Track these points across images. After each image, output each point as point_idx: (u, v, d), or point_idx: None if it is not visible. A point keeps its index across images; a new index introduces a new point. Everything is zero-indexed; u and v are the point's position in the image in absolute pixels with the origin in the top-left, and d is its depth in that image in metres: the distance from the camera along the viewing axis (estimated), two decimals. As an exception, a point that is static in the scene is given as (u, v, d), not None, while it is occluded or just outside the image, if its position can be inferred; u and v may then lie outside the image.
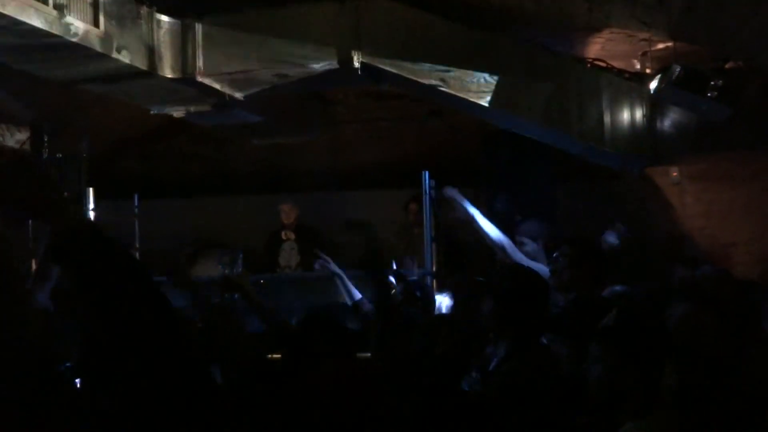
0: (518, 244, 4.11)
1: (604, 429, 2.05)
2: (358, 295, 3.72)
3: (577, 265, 3.35)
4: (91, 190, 5.15)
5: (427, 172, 5.31)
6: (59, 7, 3.68)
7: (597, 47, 5.11)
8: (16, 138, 5.82)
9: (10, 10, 3.44)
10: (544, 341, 2.60)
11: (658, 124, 4.49)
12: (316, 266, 4.22)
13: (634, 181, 5.79)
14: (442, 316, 3.22)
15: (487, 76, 4.66)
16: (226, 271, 2.83)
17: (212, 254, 5.62)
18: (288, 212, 5.86)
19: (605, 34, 4.92)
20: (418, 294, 3.23)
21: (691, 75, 3.97)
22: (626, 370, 2.05)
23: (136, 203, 5.66)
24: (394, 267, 4.74)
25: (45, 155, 5.70)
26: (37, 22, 3.59)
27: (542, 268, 3.35)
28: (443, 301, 3.41)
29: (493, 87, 4.65)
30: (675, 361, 2.03)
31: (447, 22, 4.68)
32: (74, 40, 3.81)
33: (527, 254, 4.26)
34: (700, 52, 4.52)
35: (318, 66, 4.68)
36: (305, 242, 5.79)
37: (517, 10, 4.48)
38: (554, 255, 3.56)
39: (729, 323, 2.77)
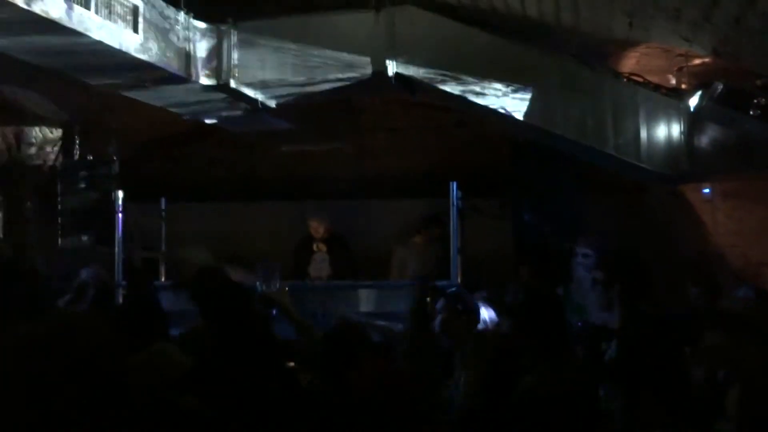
0: (582, 256, 4.03)
1: None
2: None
3: (611, 291, 3.32)
4: (120, 192, 5.16)
5: (455, 183, 5.28)
6: (101, 13, 3.69)
7: (632, 61, 5.07)
8: (49, 137, 5.85)
9: (53, 15, 3.45)
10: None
11: (696, 141, 4.43)
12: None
13: (664, 196, 5.73)
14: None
15: (521, 87, 4.62)
16: (264, 286, 2.79)
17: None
18: (317, 227, 5.83)
19: (641, 48, 4.88)
20: (459, 307, 3.18)
21: (733, 93, 3.92)
22: (644, 403, 2.00)
23: (162, 206, 5.67)
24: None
25: (76, 156, 5.73)
26: (79, 27, 3.60)
27: None
28: (484, 314, 3.35)
29: (528, 99, 4.61)
30: (736, 390, 1.99)
31: (482, 33, 4.65)
32: (114, 45, 3.82)
33: (585, 267, 4.18)
34: (739, 68, 4.47)
35: (352, 74, 4.67)
36: (337, 254, 5.76)
37: (555, 23, 4.45)
38: (592, 281, 3.52)
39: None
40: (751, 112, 3.85)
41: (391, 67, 4.62)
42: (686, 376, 2.16)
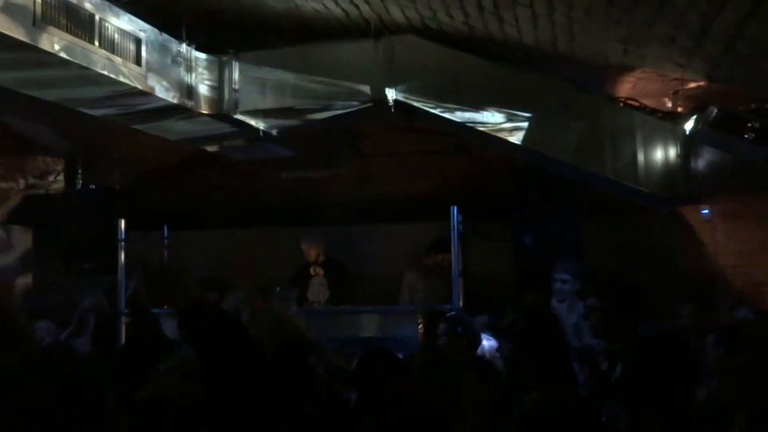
0: (559, 282, 4.09)
1: None
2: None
3: (609, 317, 3.34)
4: (122, 221, 5.19)
5: (455, 207, 5.32)
6: (105, 46, 3.77)
7: (628, 86, 5.13)
8: (51, 168, 5.92)
9: (59, 49, 3.52)
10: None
11: (692, 164, 4.48)
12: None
13: (663, 217, 5.76)
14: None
15: (520, 113, 4.68)
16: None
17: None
18: (308, 251, 5.86)
19: (637, 73, 4.94)
20: (459, 330, 3.21)
21: (727, 116, 3.98)
22: (648, 423, 2.02)
23: (165, 234, 5.70)
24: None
25: (79, 186, 5.79)
26: (84, 61, 3.67)
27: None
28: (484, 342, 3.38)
29: (526, 125, 4.67)
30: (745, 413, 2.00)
31: (480, 60, 4.72)
32: (118, 77, 3.88)
33: (564, 292, 4.24)
34: (733, 92, 4.53)
35: (352, 102, 4.73)
36: (334, 277, 5.78)
37: (551, 49, 4.52)
38: (585, 307, 3.54)
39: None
40: (745, 136, 3.90)
41: (391, 95, 4.68)
42: (690, 398, 2.18)
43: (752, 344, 2.90)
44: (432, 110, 4.70)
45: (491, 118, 4.67)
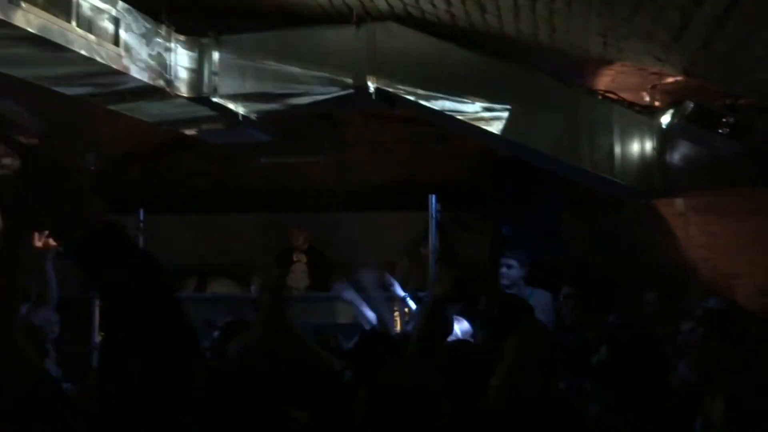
0: (505, 267, 4.19)
1: None
2: (373, 319, 3.75)
3: (582, 305, 3.41)
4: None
5: (434, 196, 5.34)
6: (82, 25, 3.70)
7: (607, 79, 5.18)
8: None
9: (34, 27, 3.45)
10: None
11: (668, 157, 4.54)
12: (334, 290, 4.27)
13: (639, 211, 5.84)
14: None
15: (499, 103, 4.70)
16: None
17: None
18: (296, 236, 5.90)
19: (616, 66, 4.99)
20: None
21: (703, 111, 4.04)
22: (621, 407, 2.07)
23: (141, 218, 5.65)
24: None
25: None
26: (60, 39, 3.60)
27: None
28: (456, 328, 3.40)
29: (505, 115, 4.69)
30: (719, 396, 2.05)
31: (461, 50, 4.72)
32: (94, 57, 3.82)
33: (508, 277, 4.34)
34: (710, 87, 4.60)
35: (333, 88, 4.71)
36: (316, 265, 5.81)
37: (532, 40, 4.54)
38: (560, 297, 3.62)
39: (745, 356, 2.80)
40: (720, 131, 3.97)
41: (372, 83, 4.67)
42: (662, 383, 2.23)
43: (728, 331, 2.98)
44: (412, 98, 4.70)
45: (471, 107, 4.68)
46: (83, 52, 3.76)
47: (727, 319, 3.36)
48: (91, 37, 3.81)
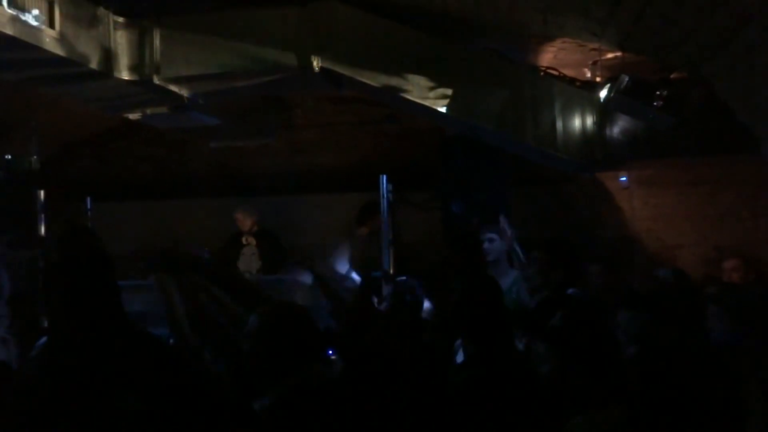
0: (487, 242, 4.24)
1: (553, 422, 2.16)
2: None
3: (548, 269, 3.50)
4: (42, 192, 5.03)
5: (384, 176, 5.38)
6: (15, 7, 3.61)
7: (550, 56, 5.27)
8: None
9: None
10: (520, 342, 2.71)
11: (608, 131, 4.67)
12: (289, 273, 4.30)
13: (585, 185, 5.99)
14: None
15: (444, 82, 4.75)
16: None
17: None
18: (243, 220, 5.87)
19: (557, 43, 5.08)
20: (408, 298, 3.27)
21: (638, 85, 4.15)
22: (571, 368, 2.17)
23: (88, 206, 5.56)
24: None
25: (-7, 157, 5.54)
26: (-10, 21, 3.51)
27: None
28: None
29: (450, 93, 4.74)
30: (636, 363, 2.14)
31: (405, 29, 4.75)
32: (29, 40, 3.73)
33: (493, 251, 4.41)
34: (648, 62, 4.72)
35: (278, 70, 4.69)
36: (266, 247, 5.79)
37: (475, 19, 4.59)
38: (527, 259, 3.70)
39: (681, 326, 2.93)
40: (654, 104, 4.08)
41: (317, 62, 4.67)
42: (615, 349, 2.33)
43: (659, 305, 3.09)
44: (358, 78, 4.71)
45: (416, 86, 4.72)
46: (17, 36, 3.67)
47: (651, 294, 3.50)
48: (24, 19, 3.71)
